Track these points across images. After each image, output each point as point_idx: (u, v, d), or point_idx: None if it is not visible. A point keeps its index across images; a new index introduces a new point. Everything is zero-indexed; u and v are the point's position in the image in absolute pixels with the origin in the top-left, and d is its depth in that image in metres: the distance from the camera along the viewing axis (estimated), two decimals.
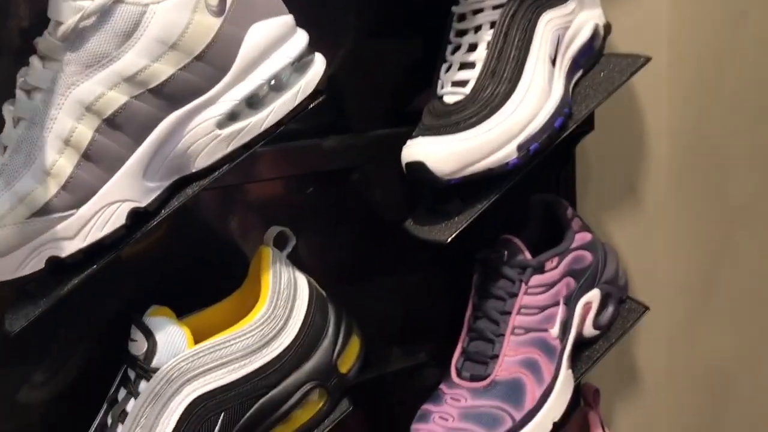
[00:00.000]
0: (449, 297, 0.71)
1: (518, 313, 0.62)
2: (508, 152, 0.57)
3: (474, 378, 0.61)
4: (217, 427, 0.50)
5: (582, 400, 0.74)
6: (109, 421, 0.50)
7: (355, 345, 0.56)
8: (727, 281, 0.97)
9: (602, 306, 0.67)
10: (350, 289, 0.67)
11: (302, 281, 0.54)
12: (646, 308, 0.69)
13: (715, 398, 1.02)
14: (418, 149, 0.57)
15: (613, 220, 0.87)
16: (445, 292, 0.73)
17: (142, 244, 0.60)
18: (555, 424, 0.61)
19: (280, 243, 0.56)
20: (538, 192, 0.72)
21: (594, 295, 0.66)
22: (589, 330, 0.66)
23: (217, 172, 0.48)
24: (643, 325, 0.90)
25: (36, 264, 0.44)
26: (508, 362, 0.61)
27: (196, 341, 0.50)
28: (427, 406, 0.61)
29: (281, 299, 0.52)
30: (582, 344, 0.67)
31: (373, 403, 0.71)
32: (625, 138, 0.87)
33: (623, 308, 0.69)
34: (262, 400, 0.52)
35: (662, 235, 0.91)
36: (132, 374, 0.50)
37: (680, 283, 0.93)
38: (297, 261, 0.57)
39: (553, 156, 0.72)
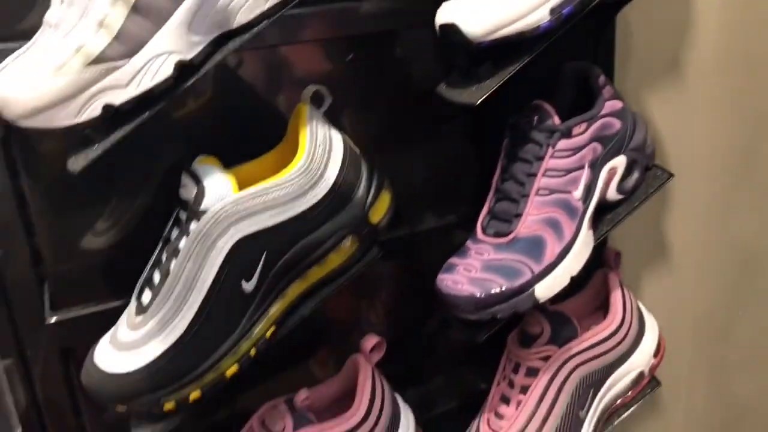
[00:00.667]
0: (480, 162, 0.73)
1: (544, 175, 0.65)
2: (541, 15, 0.58)
3: (498, 234, 0.65)
4: (259, 266, 0.55)
5: (604, 262, 0.78)
6: (164, 257, 0.56)
7: (385, 199, 0.60)
8: (765, 159, 0.97)
9: (627, 172, 0.69)
10: (384, 152, 0.70)
11: (337, 137, 0.58)
12: (671, 175, 0.71)
13: (742, 274, 1.05)
14: (451, 11, 0.58)
15: (654, 95, 0.87)
16: (476, 157, 0.76)
17: (192, 106, 0.64)
18: (572, 279, 0.65)
19: (316, 101, 0.59)
20: (575, 60, 0.73)
21: (620, 161, 0.68)
22: (612, 194, 0.69)
23: (256, 28, 0.51)
24: (679, 199, 0.92)
25: (93, 111, 0.48)
26: (531, 221, 0.64)
27: (240, 189, 0.55)
28: (453, 260, 0.66)
29: (317, 153, 0.56)
30: (605, 208, 0.70)
31: (405, 259, 0.76)
32: (671, 10, 0.86)
33: (648, 175, 0.71)
34: (300, 244, 0.56)
35: (704, 112, 0.91)
36: (183, 216, 0.55)
37: (719, 160, 0.94)
38: (333, 121, 0.60)
39: (591, 23, 0.73)
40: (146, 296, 0.56)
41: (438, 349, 0.85)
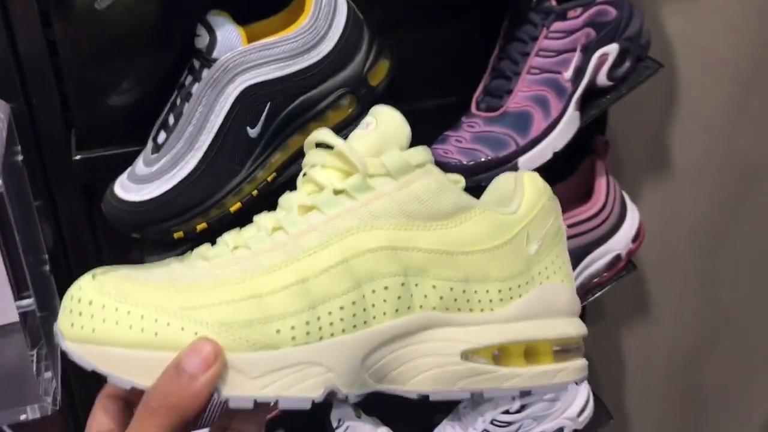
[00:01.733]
0: (484, 47, 0.77)
1: (536, 54, 0.69)
2: None
3: (489, 109, 0.69)
4: (263, 114, 0.61)
5: (592, 150, 0.82)
6: (178, 101, 0.61)
7: (384, 64, 0.65)
8: None
9: (619, 60, 0.73)
10: (390, 29, 0.74)
11: (342, 1, 0.62)
12: (660, 65, 0.75)
13: (741, 188, 1.08)
14: None
15: (667, 1, 0.89)
16: (481, 42, 0.79)
17: None
18: (555, 154, 0.69)
19: None
20: None
21: (612, 49, 0.72)
22: (603, 80, 0.73)
23: None
24: (687, 107, 0.95)
25: None
26: (521, 97, 0.69)
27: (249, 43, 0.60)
28: (446, 132, 0.71)
29: (322, 13, 0.60)
30: (595, 93, 0.74)
31: None
32: None
33: (640, 65, 0.75)
34: (302, 98, 0.61)
35: (717, 21, 0.92)
36: (197, 64, 0.60)
37: (730, 71, 0.96)
38: None
39: None
40: (161, 137, 0.62)
41: None
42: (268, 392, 0.35)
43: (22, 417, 0.62)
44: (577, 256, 0.78)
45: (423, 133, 0.78)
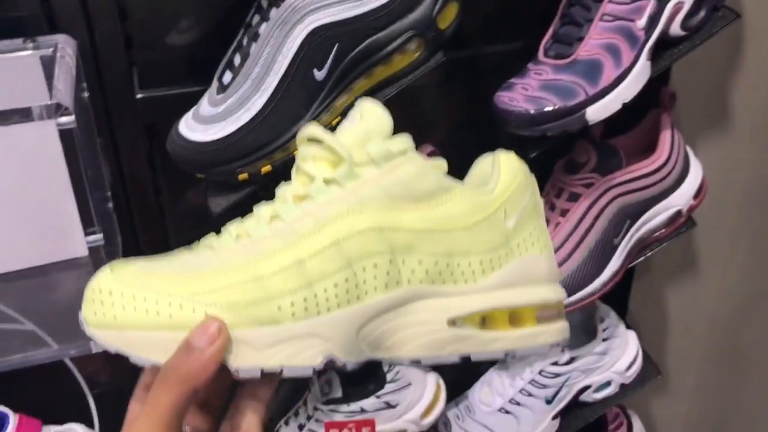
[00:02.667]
0: None
1: (610, 1, 0.66)
2: None
3: (558, 56, 0.68)
4: (331, 56, 0.60)
5: (658, 102, 0.80)
6: (245, 41, 0.61)
7: (454, 7, 0.63)
8: None
9: (695, 9, 0.70)
10: None
11: None
12: (737, 15, 0.72)
13: None
14: None
15: None
16: None
17: None
18: (625, 105, 0.68)
19: None
20: None
21: None
22: (676, 30, 0.70)
23: None
24: (752, 65, 0.91)
25: None
26: (592, 44, 0.66)
27: None
28: (512, 80, 0.69)
29: None
30: (667, 43, 0.71)
31: (468, 80, 0.80)
32: None
33: (715, 15, 0.72)
34: (369, 40, 0.60)
35: None
36: (264, 3, 0.59)
37: None
38: None
39: None
40: (227, 77, 0.61)
41: None
42: (272, 362, 0.39)
43: (89, 349, 0.63)
44: (637, 211, 0.77)
45: (487, 80, 0.78)
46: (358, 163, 0.42)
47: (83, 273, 0.63)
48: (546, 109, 0.65)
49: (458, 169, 0.84)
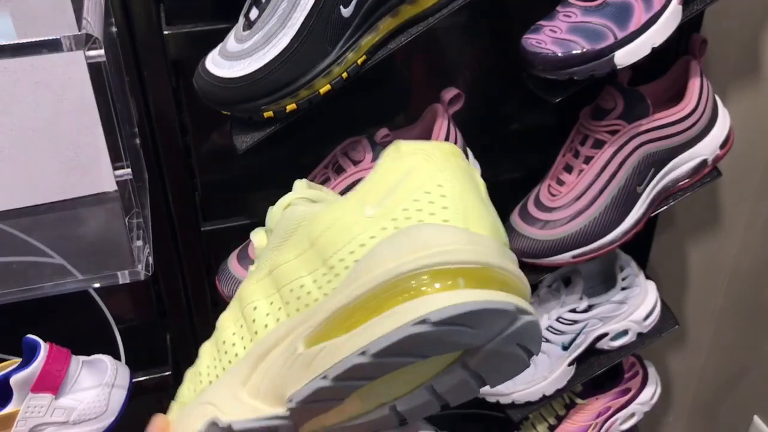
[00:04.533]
0: None
1: None
2: None
3: None
4: None
5: (689, 49, 0.78)
6: None
7: None
8: None
9: None
10: None
11: None
12: None
13: None
14: None
15: None
16: None
17: None
18: (654, 50, 0.67)
19: None
20: None
21: None
22: None
23: None
24: None
25: None
26: None
27: None
28: (540, 22, 0.68)
29: None
30: None
31: (495, 21, 0.79)
32: None
33: None
34: None
35: None
36: None
37: None
38: None
39: None
40: (253, 13, 0.61)
41: (510, 128, 0.89)
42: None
43: (116, 280, 0.65)
44: (663, 159, 0.76)
45: (514, 22, 0.77)
46: (261, 246, 0.42)
47: (111, 207, 0.65)
48: (574, 51, 0.65)
49: (483, 112, 0.84)
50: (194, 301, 0.86)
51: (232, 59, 0.61)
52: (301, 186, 0.42)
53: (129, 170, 0.61)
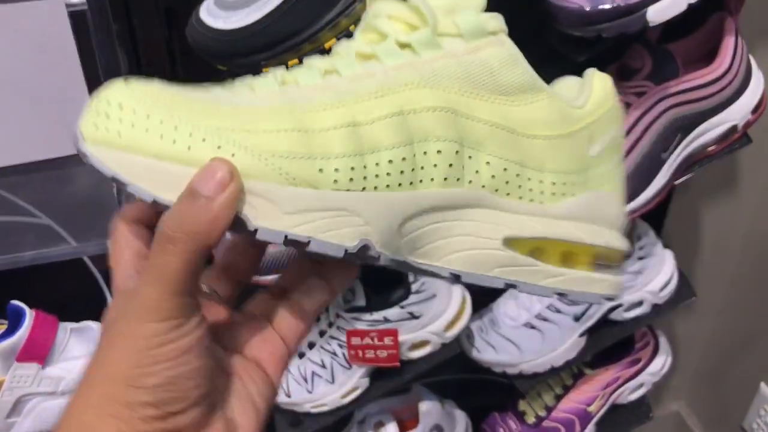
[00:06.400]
0: None
1: None
2: None
3: None
4: None
5: (723, 4, 0.73)
6: None
7: None
8: None
9: None
10: None
11: None
12: None
13: None
14: None
15: None
16: None
17: None
18: (690, 5, 0.61)
19: None
20: None
21: None
22: None
23: None
24: None
25: None
26: None
27: None
28: None
29: None
30: None
31: None
32: None
33: None
34: None
35: None
36: None
37: None
38: None
39: None
40: None
41: None
42: (300, 230, 0.32)
43: (105, 250, 0.61)
44: (690, 123, 0.71)
45: None
46: (442, 33, 0.35)
47: (93, 168, 0.60)
48: (603, 6, 0.59)
49: None
50: None
51: (229, 9, 0.56)
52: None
53: None
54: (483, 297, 0.87)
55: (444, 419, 0.87)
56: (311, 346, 0.79)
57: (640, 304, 0.85)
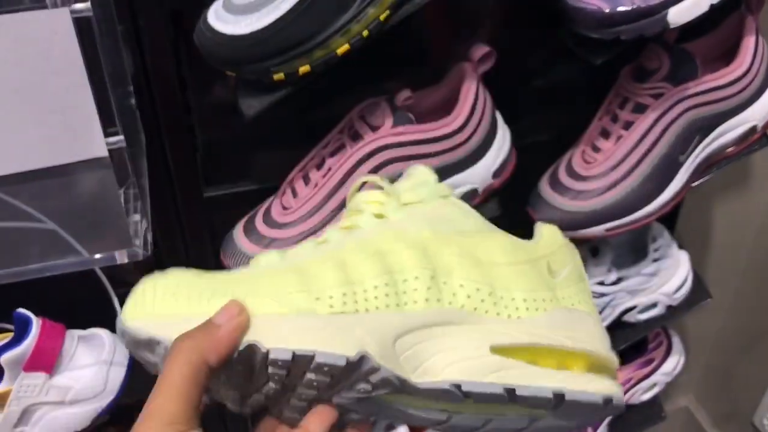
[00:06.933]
0: None
1: None
2: None
3: None
4: None
5: (743, 4, 0.71)
6: None
7: None
8: None
9: None
10: None
11: None
12: None
13: None
14: None
15: None
16: None
17: None
18: (712, 6, 0.59)
19: None
20: None
21: None
22: None
23: None
24: None
25: None
26: None
27: None
28: None
29: None
30: None
31: None
32: None
33: None
34: None
35: None
36: None
37: None
38: None
39: None
40: None
41: (538, 84, 0.82)
42: (305, 345, 0.37)
43: (114, 261, 0.60)
44: (709, 125, 0.70)
45: None
46: (407, 202, 0.44)
47: (105, 175, 0.59)
48: (623, 8, 0.57)
49: (515, 76, 0.77)
50: (196, 268, 0.80)
51: (238, 13, 0.54)
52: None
53: (122, 137, 0.55)
54: None
55: None
56: None
57: (654, 305, 0.84)
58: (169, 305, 0.38)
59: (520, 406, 0.40)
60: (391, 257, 0.40)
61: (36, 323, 0.65)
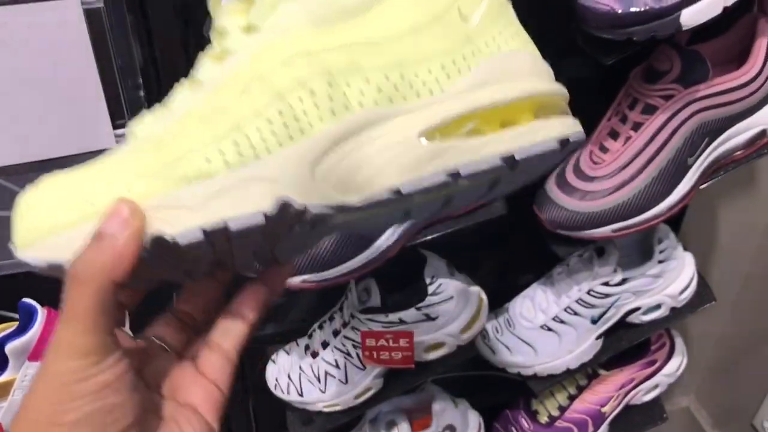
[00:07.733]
0: None
1: None
2: None
3: None
4: None
5: (756, 5, 0.70)
6: None
7: None
8: None
9: None
10: None
11: None
12: None
13: None
14: None
15: None
16: None
17: None
18: (725, 9, 0.59)
19: None
20: None
21: None
22: None
23: None
24: None
25: None
26: None
27: None
28: None
29: None
30: None
31: None
32: None
33: None
34: None
35: None
36: None
37: None
38: None
39: None
40: None
41: None
42: (213, 217, 0.32)
43: None
44: (718, 128, 0.69)
45: None
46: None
47: None
48: (636, 9, 0.57)
49: None
50: None
51: None
52: None
53: None
54: (498, 297, 0.86)
55: (457, 419, 0.86)
56: (325, 345, 0.78)
57: (658, 307, 0.84)
58: (54, 218, 0.33)
59: (471, 183, 0.36)
60: (275, 79, 0.34)
61: (41, 313, 0.65)
